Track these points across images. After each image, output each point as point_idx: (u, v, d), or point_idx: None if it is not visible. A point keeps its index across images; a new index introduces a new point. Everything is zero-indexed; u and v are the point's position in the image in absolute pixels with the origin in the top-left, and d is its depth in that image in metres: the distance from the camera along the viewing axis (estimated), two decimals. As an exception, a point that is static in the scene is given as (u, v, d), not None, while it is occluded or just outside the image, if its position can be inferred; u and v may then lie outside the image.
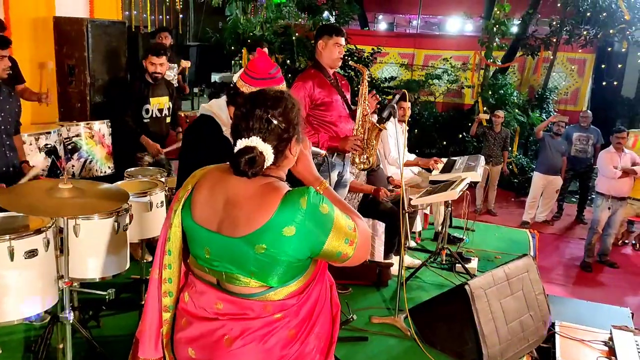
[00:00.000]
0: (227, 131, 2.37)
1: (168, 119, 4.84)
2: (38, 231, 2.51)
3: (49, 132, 4.38)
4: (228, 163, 1.61)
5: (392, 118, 4.38)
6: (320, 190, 1.64)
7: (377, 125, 3.59)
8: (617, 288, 6.21)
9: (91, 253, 2.82)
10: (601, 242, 6.76)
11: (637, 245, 7.47)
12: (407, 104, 4.76)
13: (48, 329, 2.74)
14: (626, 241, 7.58)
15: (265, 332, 1.57)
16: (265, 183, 1.59)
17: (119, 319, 3.44)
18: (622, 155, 6.57)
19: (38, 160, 4.02)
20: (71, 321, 2.59)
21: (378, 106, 3.80)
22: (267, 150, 1.57)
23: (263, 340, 1.56)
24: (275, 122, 1.58)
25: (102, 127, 4.81)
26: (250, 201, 1.56)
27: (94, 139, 4.78)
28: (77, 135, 4.66)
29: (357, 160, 3.64)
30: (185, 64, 6.51)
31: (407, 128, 4.44)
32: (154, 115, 4.66)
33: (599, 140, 8.14)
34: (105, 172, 4.86)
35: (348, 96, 3.75)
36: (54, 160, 4.44)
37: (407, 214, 3.72)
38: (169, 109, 4.81)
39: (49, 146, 4.37)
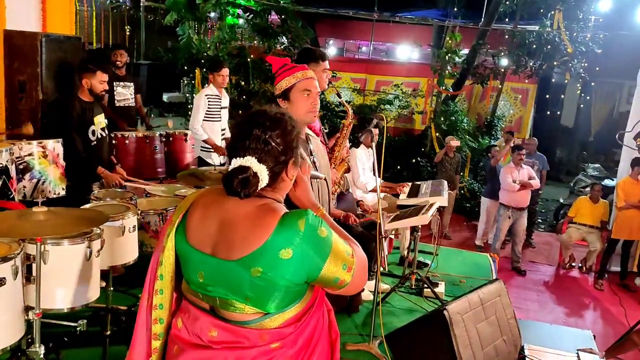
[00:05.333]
0: None
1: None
2: (5, 259, 2.30)
3: (0, 151, 4.10)
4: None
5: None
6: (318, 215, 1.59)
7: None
8: (569, 309, 6.43)
9: (60, 282, 2.61)
10: (512, 251, 7.56)
11: (584, 267, 7.78)
12: (377, 130, 4.77)
13: (10, 364, 2.51)
14: (573, 264, 7.89)
15: None
16: (261, 204, 1.53)
17: (81, 352, 3.19)
18: (520, 170, 7.34)
19: None
20: (42, 356, 2.38)
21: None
22: (262, 171, 1.51)
23: None
24: (272, 143, 1.54)
25: (56, 146, 4.55)
26: (246, 222, 1.50)
27: (47, 159, 4.51)
28: (30, 155, 4.39)
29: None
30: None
31: (375, 152, 4.44)
32: (99, 136, 4.39)
33: (545, 167, 8.44)
34: (58, 193, 4.58)
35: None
36: (5, 181, 4.15)
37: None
38: (107, 126, 4.56)
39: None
